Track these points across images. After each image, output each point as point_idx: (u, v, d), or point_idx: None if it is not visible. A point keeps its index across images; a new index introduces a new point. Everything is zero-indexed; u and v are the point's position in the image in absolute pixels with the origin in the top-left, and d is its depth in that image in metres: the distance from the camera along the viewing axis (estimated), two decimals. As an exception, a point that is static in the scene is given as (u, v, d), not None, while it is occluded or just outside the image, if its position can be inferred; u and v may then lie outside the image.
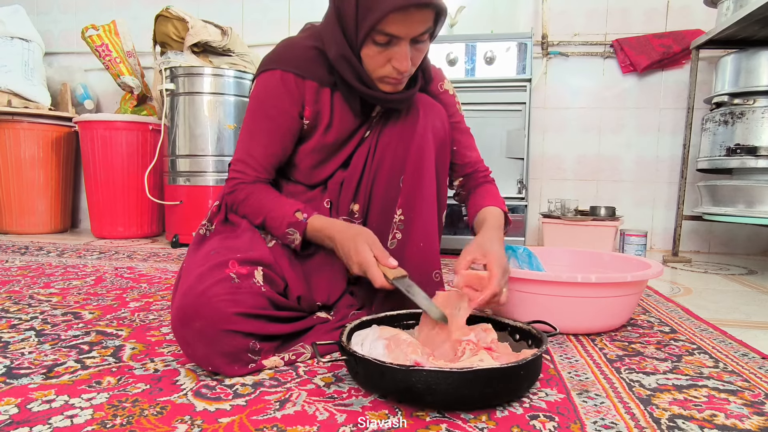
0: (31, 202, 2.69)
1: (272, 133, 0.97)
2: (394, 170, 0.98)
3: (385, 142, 0.99)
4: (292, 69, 0.94)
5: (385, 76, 0.89)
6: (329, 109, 0.98)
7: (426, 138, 0.96)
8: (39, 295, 1.32)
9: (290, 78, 0.95)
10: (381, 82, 0.91)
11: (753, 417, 0.67)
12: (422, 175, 0.96)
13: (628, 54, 2.43)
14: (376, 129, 1.01)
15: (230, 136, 2.33)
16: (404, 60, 0.85)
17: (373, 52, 0.86)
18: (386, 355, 0.74)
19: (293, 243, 0.94)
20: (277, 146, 0.98)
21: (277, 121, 0.96)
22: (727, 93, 1.98)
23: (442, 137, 0.99)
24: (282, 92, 0.95)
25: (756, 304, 1.39)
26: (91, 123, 2.53)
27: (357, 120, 1.00)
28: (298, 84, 0.95)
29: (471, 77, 2.26)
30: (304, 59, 0.95)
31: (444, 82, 1.09)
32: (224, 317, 0.77)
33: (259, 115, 0.97)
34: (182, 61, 2.31)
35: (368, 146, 1.01)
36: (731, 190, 1.92)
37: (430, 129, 0.97)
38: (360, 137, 1.02)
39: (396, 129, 0.98)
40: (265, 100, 0.96)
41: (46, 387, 0.73)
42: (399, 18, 0.81)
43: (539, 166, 2.59)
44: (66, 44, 3.04)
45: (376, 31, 0.82)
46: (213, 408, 0.67)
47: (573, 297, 0.99)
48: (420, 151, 0.96)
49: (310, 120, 0.98)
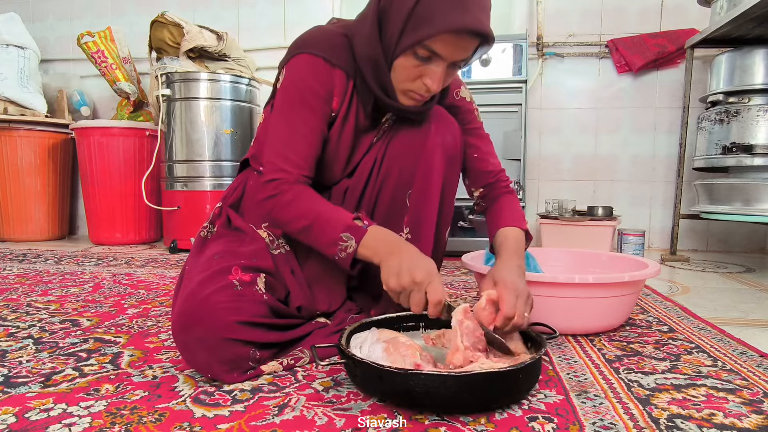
0: (28, 210, 2.69)
1: (312, 123, 0.89)
2: (401, 184, 0.96)
3: (394, 153, 0.96)
4: (322, 54, 0.89)
5: (411, 90, 0.86)
6: (348, 103, 0.93)
7: (435, 153, 0.94)
8: (37, 302, 1.32)
9: (320, 62, 0.89)
10: (404, 95, 0.88)
11: (751, 415, 0.67)
12: (429, 193, 0.95)
13: (623, 54, 2.44)
14: (386, 138, 0.97)
15: (227, 141, 2.33)
16: (438, 81, 0.83)
17: (410, 64, 0.83)
18: (385, 358, 0.73)
19: (344, 251, 0.83)
20: (318, 136, 0.90)
21: (314, 107, 0.89)
22: (722, 92, 1.98)
23: (452, 152, 0.97)
24: (315, 77, 0.89)
25: (754, 302, 1.39)
26: (88, 129, 2.53)
27: (367, 122, 0.96)
28: (329, 71, 0.89)
29: (467, 79, 2.26)
30: (333, 45, 0.90)
31: (461, 89, 1.04)
32: (225, 325, 0.76)
33: (295, 104, 0.89)
34: (178, 66, 2.31)
35: (375, 155, 0.97)
36: (728, 188, 1.92)
37: (440, 144, 0.94)
38: (368, 143, 0.98)
39: (406, 140, 0.95)
40: (299, 85, 0.89)
41: (44, 395, 0.73)
42: (449, 40, 0.79)
43: (536, 166, 2.59)
44: (62, 51, 3.04)
45: (422, 46, 0.80)
46: (212, 414, 0.67)
47: (571, 298, 0.99)
48: (428, 167, 0.94)
49: (336, 111, 0.92)
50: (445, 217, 1.02)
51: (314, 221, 0.85)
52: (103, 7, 2.99)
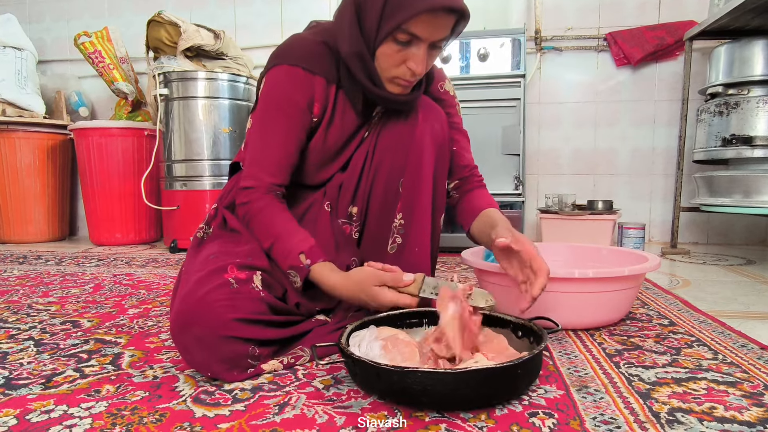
0: (28, 211, 2.69)
1: (288, 130, 0.93)
2: (393, 174, 0.98)
3: (384, 144, 0.98)
4: (301, 63, 0.92)
5: (397, 76, 0.88)
6: (332, 107, 0.96)
7: (425, 141, 0.96)
8: (37, 304, 1.32)
9: (299, 72, 0.92)
10: (391, 83, 0.90)
11: (752, 408, 0.67)
12: (420, 180, 0.96)
13: (622, 47, 2.43)
14: (375, 130, 0.99)
15: (225, 140, 2.33)
16: (421, 62, 0.86)
17: (391, 51, 0.85)
18: (383, 356, 0.74)
19: (294, 284, 0.90)
20: (294, 145, 0.94)
21: (291, 116, 0.93)
22: (721, 83, 1.98)
23: (441, 140, 0.99)
24: (293, 86, 0.92)
25: (755, 295, 1.39)
26: (87, 130, 2.53)
27: (358, 120, 0.99)
28: (308, 79, 0.92)
29: (465, 74, 2.26)
30: (312, 54, 0.93)
31: (445, 83, 1.08)
32: (223, 323, 0.76)
33: (272, 113, 0.93)
34: (175, 65, 2.31)
35: (367, 148, 1.00)
36: (728, 180, 1.92)
37: (429, 132, 0.96)
38: (360, 138, 1.01)
39: (395, 131, 0.97)
40: (276, 95, 0.93)
41: (45, 397, 0.73)
42: (427, 20, 0.81)
43: (535, 161, 2.59)
44: (59, 52, 3.04)
45: (401, 30, 0.82)
46: (212, 414, 0.67)
47: (571, 293, 0.99)
48: (419, 155, 0.96)
49: (318, 117, 0.96)
50: (438, 204, 1.03)
51: (272, 245, 0.90)
52: (99, 7, 2.98)
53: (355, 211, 1.02)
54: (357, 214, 1.01)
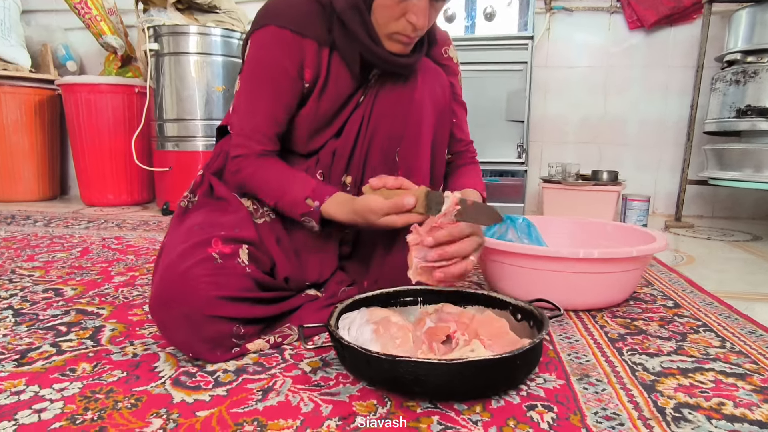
0: (16, 169, 2.62)
1: (275, 97, 0.88)
2: (391, 142, 0.91)
3: (381, 109, 0.91)
4: (289, 25, 0.85)
5: (397, 32, 0.81)
6: (326, 71, 0.89)
7: (424, 107, 0.89)
8: (21, 269, 1.27)
9: (287, 35, 0.85)
10: (390, 40, 0.83)
11: (763, 405, 0.63)
12: (419, 148, 0.90)
13: (636, 9, 2.30)
14: (371, 94, 0.92)
15: (219, 99, 2.23)
16: (423, 15, 0.78)
17: (390, 2, 0.78)
18: (374, 341, 0.69)
19: (313, 230, 0.89)
20: (282, 112, 0.89)
21: (280, 83, 0.87)
22: (740, 50, 1.88)
23: (441, 105, 0.92)
24: (281, 51, 0.85)
25: (762, 273, 1.35)
26: (75, 86, 2.42)
27: (354, 84, 0.92)
28: (297, 42, 0.85)
29: (470, 34, 2.15)
30: (301, 14, 0.85)
31: (449, 48, 1.00)
32: (206, 301, 0.72)
33: (258, 78, 0.87)
34: (166, 19, 2.19)
35: (362, 113, 0.93)
36: (739, 153, 1.85)
37: (429, 96, 0.90)
38: (355, 103, 0.94)
39: (393, 95, 0.90)
40: (263, 60, 0.87)
41: (17, 375, 0.70)
42: None
43: (540, 128, 2.50)
44: (44, 1, 2.88)
45: None
46: (191, 399, 0.63)
47: (574, 273, 0.94)
48: (418, 122, 0.89)
49: (310, 83, 0.89)
50: (437, 173, 0.97)
51: (277, 201, 0.88)
52: (86, -47, 2.81)
53: (348, 181, 0.96)
54: (351, 183, 0.95)
